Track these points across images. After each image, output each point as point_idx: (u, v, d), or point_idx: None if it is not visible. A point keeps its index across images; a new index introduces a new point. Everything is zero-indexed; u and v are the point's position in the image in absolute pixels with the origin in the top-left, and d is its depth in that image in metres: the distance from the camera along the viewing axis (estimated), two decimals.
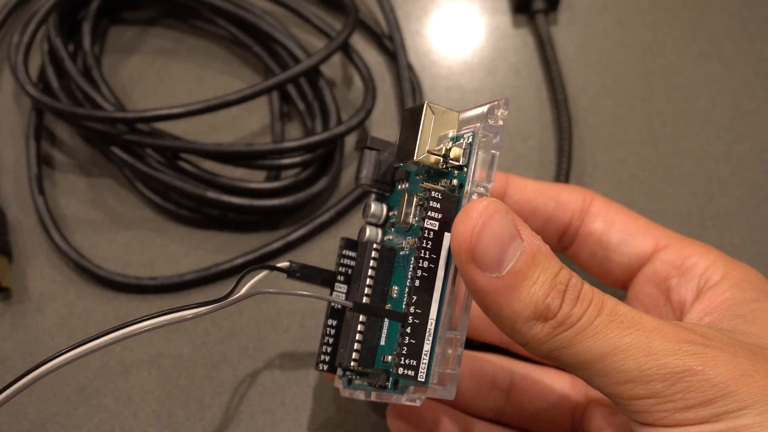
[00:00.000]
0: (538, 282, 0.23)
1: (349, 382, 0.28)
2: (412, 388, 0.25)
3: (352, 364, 0.26)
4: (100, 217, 0.38)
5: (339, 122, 0.38)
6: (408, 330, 0.24)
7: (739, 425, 0.21)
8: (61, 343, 0.34)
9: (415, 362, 0.24)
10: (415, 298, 0.24)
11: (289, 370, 0.34)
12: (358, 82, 0.42)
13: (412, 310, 0.24)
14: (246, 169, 0.38)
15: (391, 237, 0.28)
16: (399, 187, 0.28)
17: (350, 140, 0.40)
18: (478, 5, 0.44)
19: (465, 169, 0.25)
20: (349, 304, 0.26)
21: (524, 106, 0.41)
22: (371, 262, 0.27)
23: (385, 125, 0.40)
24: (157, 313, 0.24)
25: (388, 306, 0.27)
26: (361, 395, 0.27)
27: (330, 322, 0.28)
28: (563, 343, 0.23)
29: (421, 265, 0.24)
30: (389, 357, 0.26)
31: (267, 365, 0.34)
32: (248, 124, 0.40)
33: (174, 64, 0.42)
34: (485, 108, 0.25)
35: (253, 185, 0.36)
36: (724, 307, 0.26)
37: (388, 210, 0.28)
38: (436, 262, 0.24)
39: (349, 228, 0.37)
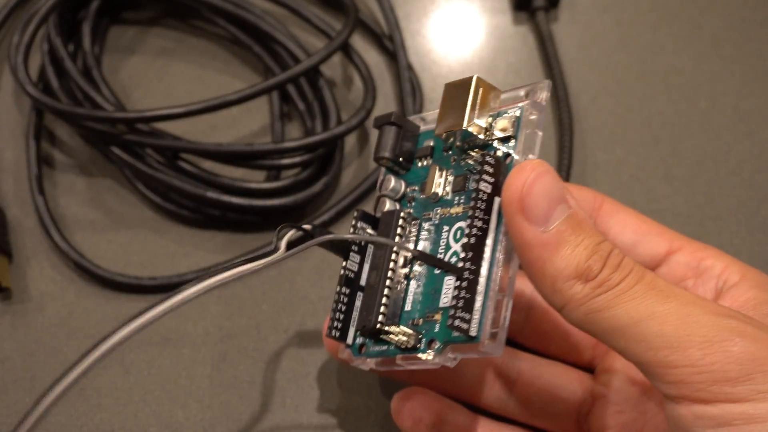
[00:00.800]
0: (581, 245, 0.23)
1: (360, 349, 0.28)
2: (449, 347, 0.25)
3: (379, 323, 0.27)
4: (100, 217, 0.38)
5: (339, 122, 0.38)
6: (463, 284, 0.25)
7: None
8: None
9: (468, 316, 0.25)
10: (470, 254, 0.25)
11: (289, 370, 0.34)
12: (358, 82, 0.42)
13: (467, 265, 0.25)
14: (246, 169, 0.38)
15: (410, 210, 0.29)
16: (421, 164, 0.29)
17: (350, 140, 0.40)
18: (478, 5, 0.44)
19: (513, 141, 0.26)
20: (413, 250, 0.27)
21: None
22: (398, 230, 0.28)
23: None
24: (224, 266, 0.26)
25: (408, 271, 0.28)
26: (371, 363, 0.27)
27: (343, 290, 0.28)
28: (601, 305, 0.23)
29: (475, 224, 0.25)
30: (420, 320, 0.27)
31: (267, 365, 0.34)
32: (248, 124, 0.40)
33: (174, 64, 0.42)
34: (529, 88, 0.26)
35: (253, 185, 0.36)
36: (748, 306, 0.26)
37: (406, 186, 0.29)
38: (487, 223, 0.25)
39: (349, 228, 0.37)
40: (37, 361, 0.34)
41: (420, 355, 0.26)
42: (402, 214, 0.28)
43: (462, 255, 0.25)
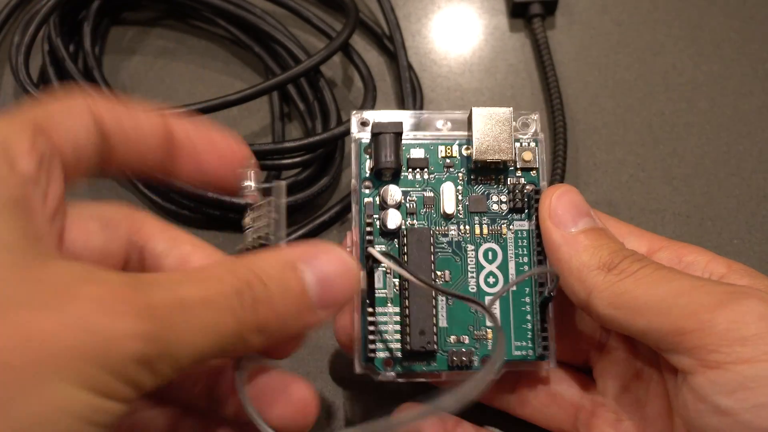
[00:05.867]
0: (604, 246, 0.27)
1: (401, 366, 0.28)
2: (507, 364, 0.29)
3: (426, 344, 0.28)
4: None
5: (339, 122, 0.38)
6: (547, 308, 0.29)
7: None
8: None
9: (545, 339, 0.29)
10: (537, 285, 0.29)
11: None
12: (358, 82, 0.42)
13: (548, 292, 0.28)
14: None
15: (415, 222, 0.29)
16: (415, 176, 0.30)
17: (350, 140, 0.40)
18: (477, 6, 0.44)
19: (536, 172, 0.30)
20: (480, 303, 0.28)
21: (523, 105, 0.41)
22: (431, 248, 0.29)
23: None
24: None
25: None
26: (411, 378, 0.28)
27: (369, 318, 0.28)
28: (624, 288, 0.25)
29: (538, 249, 0.29)
30: (465, 338, 0.29)
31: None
32: (248, 124, 0.40)
33: (174, 65, 0.42)
34: (522, 119, 0.30)
35: None
36: None
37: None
38: (542, 254, 0.29)
39: (349, 228, 0.37)
40: None
41: (474, 372, 0.28)
42: (430, 231, 0.29)
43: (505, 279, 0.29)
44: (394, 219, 0.29)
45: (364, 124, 0.30)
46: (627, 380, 0.29)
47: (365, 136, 0.30)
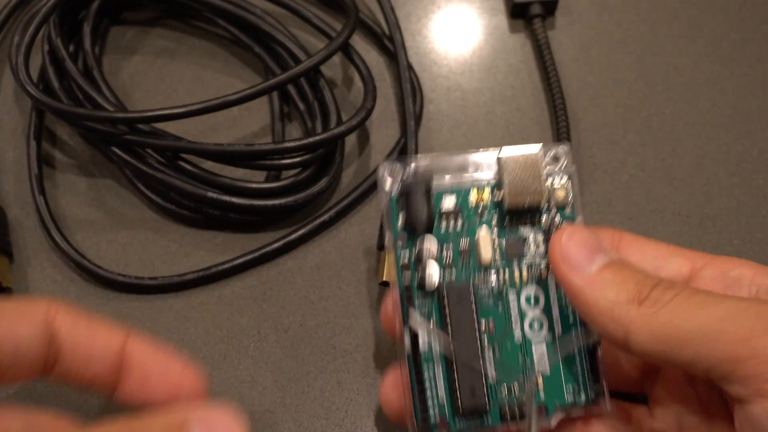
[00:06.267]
0: (628, 278, 0.25)
1: (455, 426, 0.28)
2: (564, 410, 0.28)
3: (478, 403, 0.27)
4: (100, 217, 0.38)
5: (339, 122, 0.38)
6: (596, 352, 0.28)
7: None
8: None
9: (594, 384, 0.28)
10: (583, 327, 0.28)
11: (289, 370, 0.34)
12: (358, 82, 0.42)
13: (594, 339, 0.28)
14: (246, 170, 0.38)
15: (454, 275, 0.29)
16: (448, 225, 0.29)
17: (350, 140, 0.40)
18: (477, 6, 0.44)
19: (570, 208, 0.29)
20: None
21: (523, 105, 0.41)
22: (472, 306, 0.28)
23: (385, 125, 0.40)
24: None
25: (485, 342, 0.28)
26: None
27: (417, 384, 0.28)
28: (663, 320, 0.24)
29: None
30: (515, 387, 0.28)
31: (267, 365, 0.34)
32: (249, 124, 0.40)
33: (174, 65, 0.42)
34: (553, 152, 0.29)
35: (254, 185, 0.36)
36: None
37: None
38: None
39: (349, 228, 0.37)
40: None
41: (532, 423, 0.27)
42: (470, 288, 0.28)
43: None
44: (433, 277, 0.28)
45: (392, 174, 0.29)
46: (687, 407, 0.28)
47: (396, 190, 0.29)
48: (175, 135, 0.37)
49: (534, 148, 0.29)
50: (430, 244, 0.28)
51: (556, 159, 0.29)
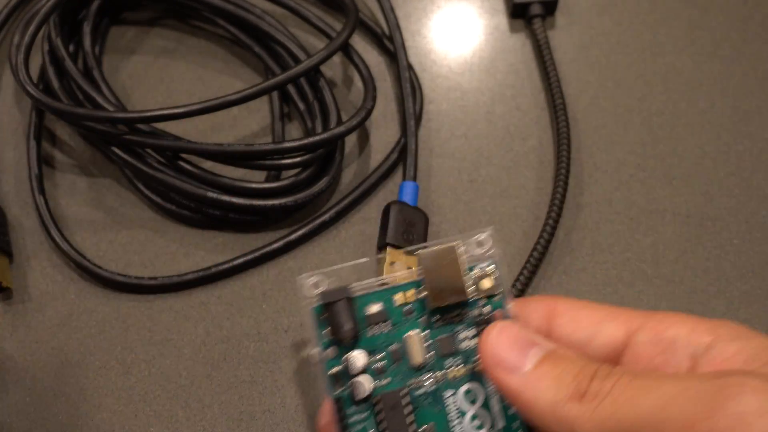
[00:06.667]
0: (564, 371, 0.24)
1: None
2: None
3: None
4: (100, 217, 0.38)
5: (339, 122, 0.38)
6: None
7: None
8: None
9: None
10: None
11: (289, 370, 0.34)
12: (358, 82, 0.42)
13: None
14: (246, 170, 0.38)
15: (387, 380, 0.27)
16: (372, 331, 0.27)
17: (350, 140, 0.40)
18: (477, 6, 0.44)
19: (499, 296, 0.28)
20: None
21: (523, 106, 0.41)
22: (405, 411, 0.27)
23: (385, 125, 0.40)
24: None
25: None
26: None
27: None
28: (607, 412, 0.23)
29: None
30: None
31: (267, 365, 0.34)
32: (248, 124, 0.40)
33: (174, 65, 0.42)
34: (481, 237, 0.28)
35: (254, 185, 0.36)
36: (737, 361, 0.25)
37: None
38: None
39: (349, 228, 0.37)
40: (37, 361, 0.34)
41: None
42: (402, 393, 0.27)
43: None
44: (362, 388, 0.27)
45: (316, 286, 0.28)
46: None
47: (316, 301, 0.28)
48: (175, 135, 0.37)
49: (452, 241, 0.27)
50: (358, 355, 0.27)
51: (480, 245, 0.28)
